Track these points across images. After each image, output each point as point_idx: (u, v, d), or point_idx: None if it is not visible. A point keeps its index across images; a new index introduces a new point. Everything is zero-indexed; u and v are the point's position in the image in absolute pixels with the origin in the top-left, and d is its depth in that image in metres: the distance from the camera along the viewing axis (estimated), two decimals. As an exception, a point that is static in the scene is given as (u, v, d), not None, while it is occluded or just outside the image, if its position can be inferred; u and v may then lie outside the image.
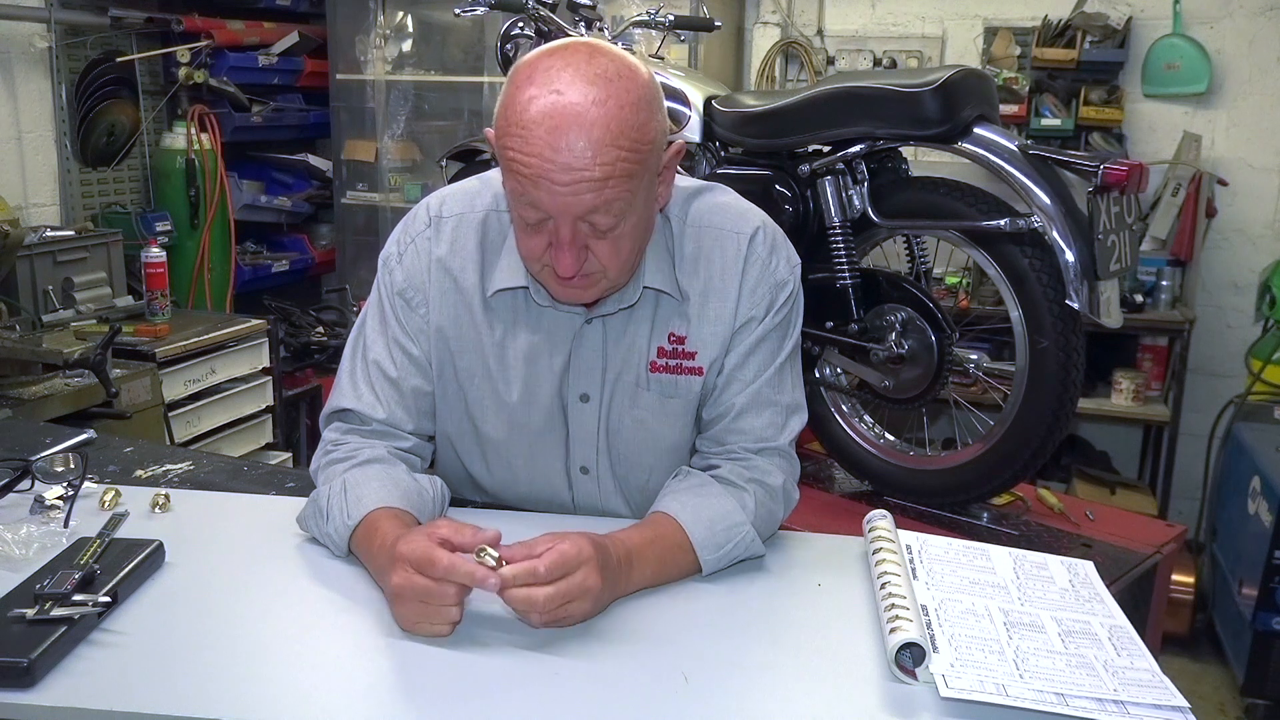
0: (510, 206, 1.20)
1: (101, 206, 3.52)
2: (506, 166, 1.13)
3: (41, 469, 1.35)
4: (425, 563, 1.02)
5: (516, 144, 1.10)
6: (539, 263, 1.19)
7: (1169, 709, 0.94)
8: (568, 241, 1.13)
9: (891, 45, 3.88)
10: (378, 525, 1.15)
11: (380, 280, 1.32)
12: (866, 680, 1.00)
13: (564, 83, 1.08)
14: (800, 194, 2.03)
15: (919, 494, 2.02)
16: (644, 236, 1.22)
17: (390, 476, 1.23)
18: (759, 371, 1.30)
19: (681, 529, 1.19)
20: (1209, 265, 3.62)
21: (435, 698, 0.95)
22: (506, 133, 1.11)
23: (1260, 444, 3.00)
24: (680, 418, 1.33)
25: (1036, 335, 1.79)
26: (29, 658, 0.94)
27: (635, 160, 1.11)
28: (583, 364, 1.30)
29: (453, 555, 1.02)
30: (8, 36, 3.15)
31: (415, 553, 1.03)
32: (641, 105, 1.11)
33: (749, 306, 1.29)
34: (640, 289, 1.26)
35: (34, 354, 2.55)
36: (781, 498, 1.30)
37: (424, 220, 1.31)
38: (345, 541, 1.19)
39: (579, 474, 1.36)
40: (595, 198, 1.10)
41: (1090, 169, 1.71)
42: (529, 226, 1.15)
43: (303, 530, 1.26)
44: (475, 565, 1.02)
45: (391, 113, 4.00)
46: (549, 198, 1.10)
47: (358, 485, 1.20)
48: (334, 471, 1.26)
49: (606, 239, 1.15)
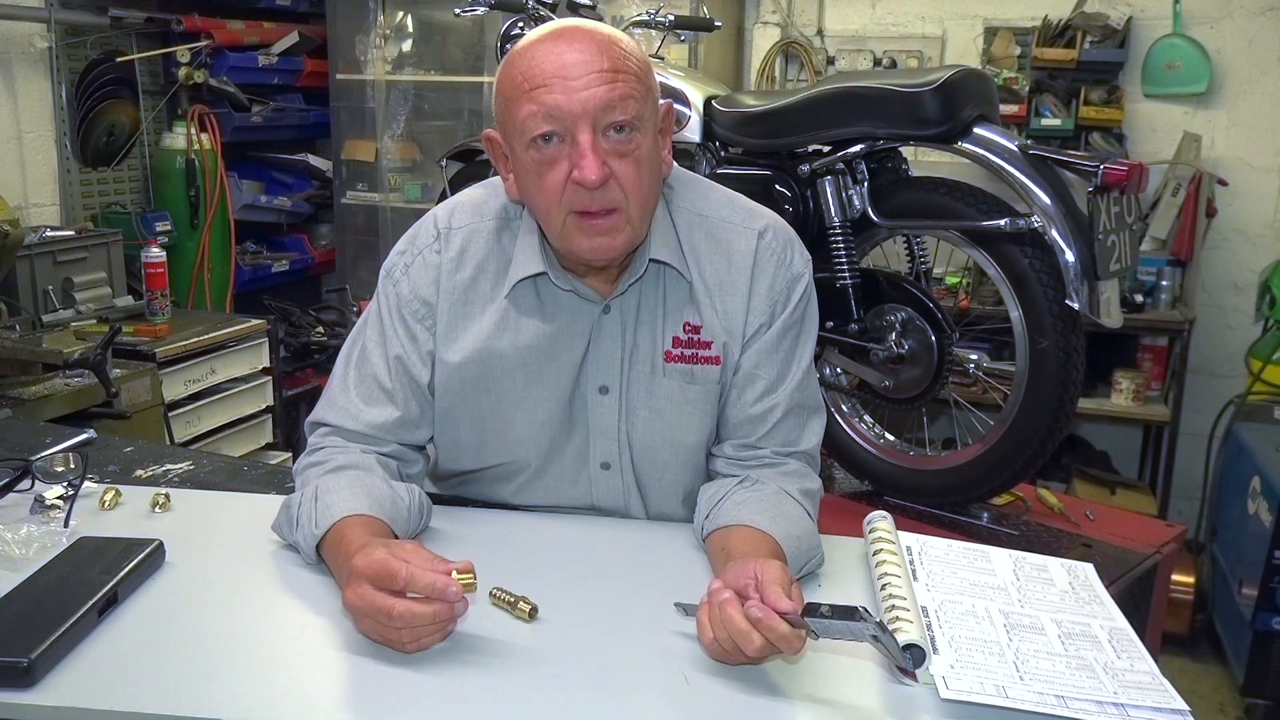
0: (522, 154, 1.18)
1: (101, 206, 3.52)
2: (517, 95, 1.15)
3: (41, 469, 1.35)
4: (384, 575, 0.99)
5: (525, 66, 1.15)
6: (561, 208, 1.17)
7: (1169, 711, 0.94)
8: (589, 145, 1.13)
9: (891, 45, 3.88)
10: (343, 535, 1.12)
11: (382, 291, 1.31)
12: (867, 681, 1.00)
13: (563, 25, 1.20)
14: (800, 194, 2.03)
15: (919, 494, 2.02)
16: (656, 182, 1.22)
17: (362, 484, 1.20)
18: (783, 372, 1.30)
19: (780, 549, 1.17)
20: (1209, 265, 3.62)
21: (435, 697, 0.95)
22: (513, 69, 1.17)
23: (1260, 444, 3.00)
24: (699, 408, 1.31)
25: (1036, 335, 1.79)
26: (29, 658, 0.94)
27: (640, 67, 1.17)
28: (602, 354, 1.29)
29: (412, 567, 0.98)
30: (8, 36, 3.14)
31: (372, 566, 0.99)
32: (636, 45, 1.19)
33: (766, 304, 1.28)
34: (647, 260, 1.26)
35: (34, 354, 2.56)
36: (819, 500, 1.32)
37: (431, 233, 1.30)
38: (313, 550, 1.17)
39: (599, 470, 1.34)
40: (610, 90, 1.13)
41: (1090, 169, 1.71)
42: (545, 156, 1.15)
43: (277, 536, 1.24)
44: (436, 575, 0.97)
45: (391, 113, 4.00)
46: (565, 98, 1.12)
47: (328, 493, 1.18)
48: (309, 476, 1.25)
49: (627, 159, 1.15)
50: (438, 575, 0.98)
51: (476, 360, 1.28)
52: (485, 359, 1.28)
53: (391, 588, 0.98)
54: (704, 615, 1.01)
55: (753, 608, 0.95)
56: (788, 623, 0.95)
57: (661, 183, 1.25)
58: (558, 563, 1.23)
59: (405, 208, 4.00)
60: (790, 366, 1.31)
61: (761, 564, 1.02)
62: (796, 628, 0.96)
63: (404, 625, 0.98)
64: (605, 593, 1.16)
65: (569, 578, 1.19)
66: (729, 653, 0.99)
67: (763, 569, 1.01)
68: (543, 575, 1.18)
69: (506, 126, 1.19)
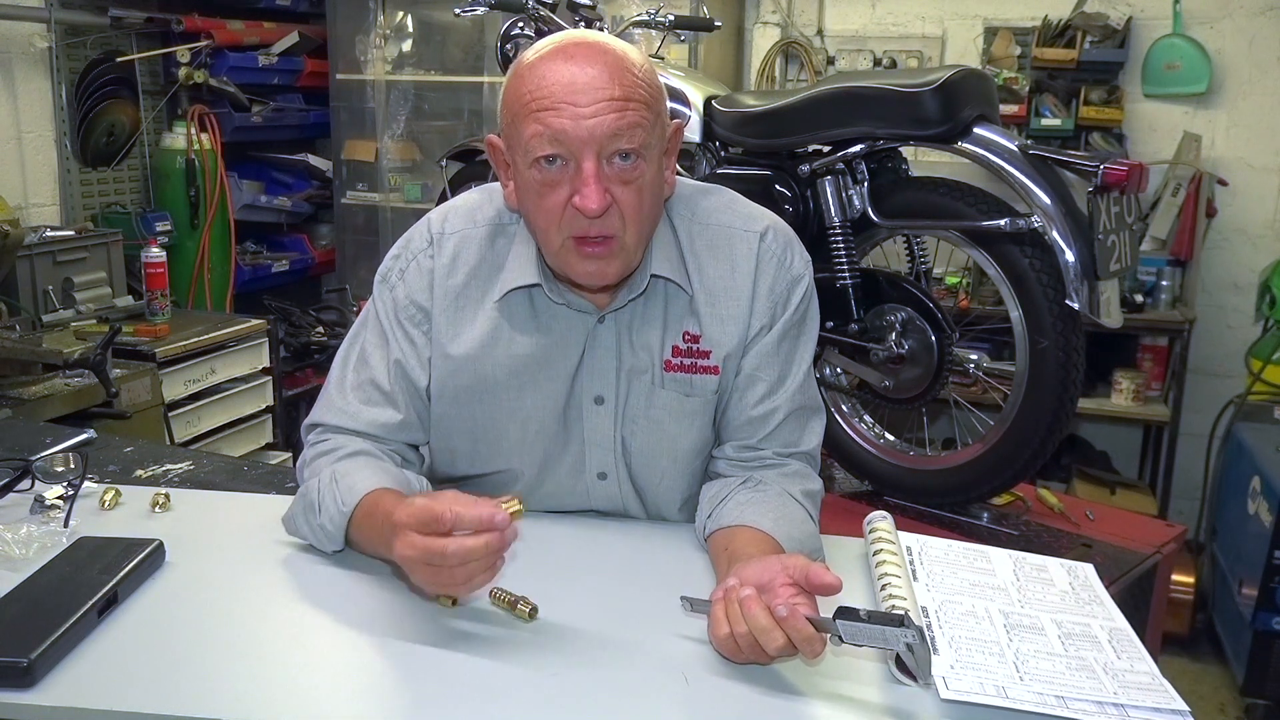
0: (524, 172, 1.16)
1: (101, 206, 3.52)
2: (523, 112, 1.13)
3: (41, 469, 1.35)
4: (429, 520, 0.98)
5: (534, 84, 1.12)
6: (560, 230, 1.16)
7: (1169, 712, 0.94)
8: (593, 174, 1.12)
9: (891, 45, 3.88)
10: (378, 503, 1.13)
11: (378, 296, 1.31)
12: (866, 681, 1.00)
13: (572, 41, 1.16)
14: (800, 194, 2.03)
15: (919, 494, 2.02)
16: (657, 207, 1.21)
17: (379, 466, 1.23)
18: (783, 374, 1.30)
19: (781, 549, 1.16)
20: (1209, 265, 3.62)
21: (434, 697, 0.95)
22: (521, 84, 1.14)
23: (1260, 444, 3.00)
24: (697, 417, 1.31)
25: (1036, 335, 1.79)
26: (29, 658, 0.94)
27: (650, 93, 1.14)
28: (596, 364, 1.28)
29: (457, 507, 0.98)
30: (8, 36, 3.15)
31: (416, 514, 1.00)
32: (648, 63, 1.16)
33: (767, 306, 1.28)
34: (648, 276, 1.25)
35: (34, 354, 2.56)
36: (820, 501, 1.32)
37: (425, 238, 1.30)
38: (341, 530, 1.17)
39: (596, 480, 1.34)
40: (619, 119, 1.11)
41: (1090, 169, 1.71)
42: (548, 177, 1.14)
43: (289, 533, 1.24)
44: (485, 507, 0.97)
45: (391, 113, 4.00)
46: (572, 124, 1.10)
47: (348, 474, 1.19)
48: (320, 465, 1.25)
49: (629, 186, 1.14)
50: (483, 507, 0.98)
51: (470, 369, 1.28)
52: (479, 368, 1.28)
53: (439, 530, 0.98)
54: (719, 610, 1.00)
55: (779, 606, 0.95)
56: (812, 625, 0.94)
57: (662, 205, 1.24)
58: (558, 563, 1.23)
59: (405, 208, 4.00)
60: (791, 368, 1.30)
61: (787, 557, 1.02)
62: (821, 630, 0.95)
63: (458, 562, 0.97)
64: (605, 593, 1.16)
65: (569, 578, 1.19)
66: (741, 650, 0.98)
67: (790, 560, 1.01)
68: (543, 575, 1.17)
69: (510, 139, 1.18)
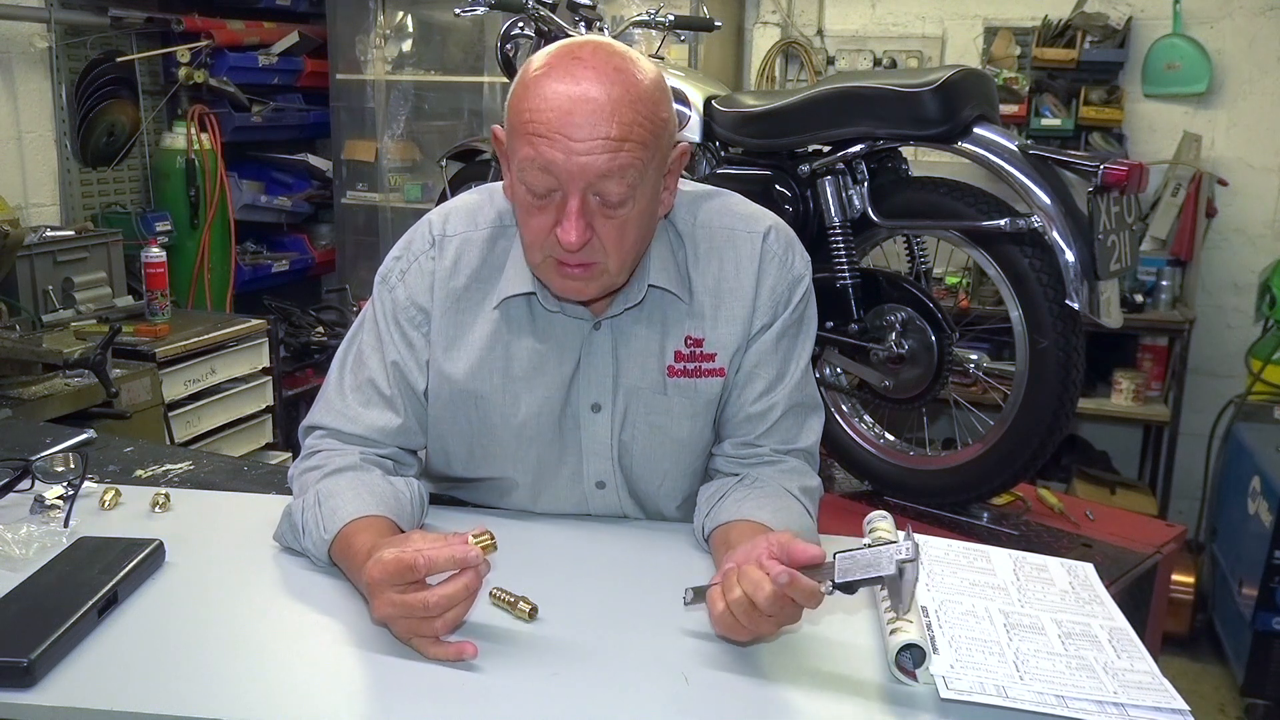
0: (516, 185, 1.16)
1: (101, 206, 3.52)
2: (520, 130, 1.11)
3: (41, 469, 1.35)
4: (402, 572, 0.98)
5: (533, 104, 1.09)
6: (542, 250, 1.16)
7: (1169, 711, 0.94)
8: (575, 211, 1.10)
9: (891, 45, 3.88)
10: (351, 541, 1.12)
11: (378, 297, 1.30)
12: (866, 681, 1.00)
13: (585, 53, 1.11)
14: (800, 194, 2.03)
15: (919, 494, 2.02)
16: (646, 234, 1.20)
17: (364, 483, 1.21)
18: (781, 372, 1.30)
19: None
20: (1209, 265, 3.62)
21: (434, 697, 0.95)
22: (522, 99, 1.11)
23: (1260, 444, 3.00)
24: (700, 419, 1.31)
25: (1036, 335, 1.79)
26: (29, 658, 0.94)
27: (651, 131, 1.11)
28: (593, 372, 1.28)
29: (427, 552, 0.98)
30: (8, 36, 3.14)
31: (388, 570, 0.99)
32: (657, 87, 1.13)
33: (769, 305, 1.28)
34: (645, 287, 1.24)
35: (34, 354, 2.55)
36: (819, 498, 1.33)
37: (426, 239, 1.29)
38: (324, 556, 1.17)
39: (595, 489, 1.34)
40: (610, 160, 1.08)
41: (1090, 169, 1.71)
42: (536, 200, 1.13)
43: (281, 545, 1.24)
44: (457, 547, 0.98)
45: (391, 113, 4.00)
46: (564, 158, 1.08)
47: (331, 496, 1.18)
48: (307, 481, 1.24)
49: (613, 220, 1.13)
50: (454, 547, 0.98)
51: (468, 373, 1.28)
52: (476, 372, 1.28)
53: (413, 579, 0.99)
54: (715, 590, 1.02)
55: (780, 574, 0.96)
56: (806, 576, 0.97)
57: (655, 226, 1.23)
58: (558, 563, 1.24)
59: (405, 208, 4.01)
60: (789, 366, 1.31)
61: (771, 534, 1.04)
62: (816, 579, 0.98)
63: (440, 611, 0.98)
64: (605, 593, 1.17)
65: (569, 578, 1.19)
66: (739, 622, 0.99)
67: (774, 536, 1.02)
68: (543, 575, 1.18)
69: (509, 144, 1.16)
